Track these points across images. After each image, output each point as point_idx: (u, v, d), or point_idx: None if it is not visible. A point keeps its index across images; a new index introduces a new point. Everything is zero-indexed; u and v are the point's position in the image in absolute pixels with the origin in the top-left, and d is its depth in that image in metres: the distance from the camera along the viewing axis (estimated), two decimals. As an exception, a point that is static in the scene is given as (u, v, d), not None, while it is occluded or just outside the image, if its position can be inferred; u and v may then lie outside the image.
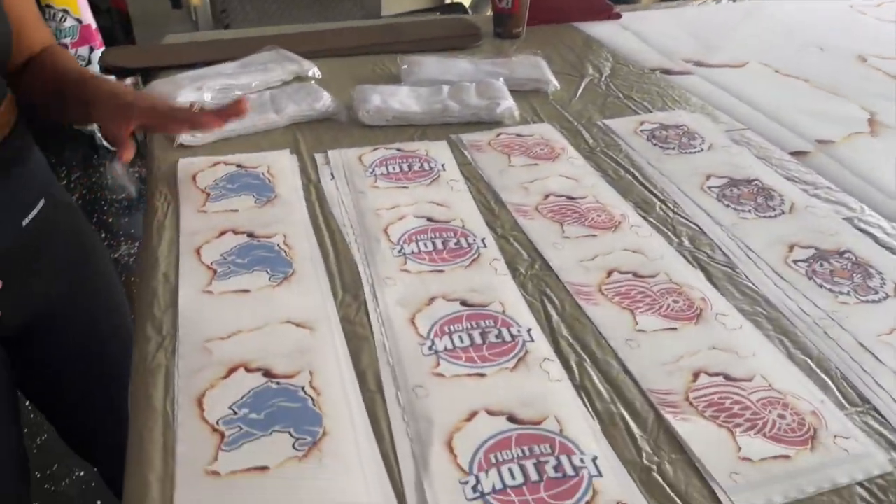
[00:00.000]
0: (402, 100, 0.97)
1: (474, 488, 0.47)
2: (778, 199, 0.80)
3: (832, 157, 0.89)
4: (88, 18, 2.71)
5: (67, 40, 2.61)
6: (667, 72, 1.15)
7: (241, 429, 0.51)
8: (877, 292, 0.66)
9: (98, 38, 2.77)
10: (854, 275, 0.68)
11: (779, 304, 0.65)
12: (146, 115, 0.75)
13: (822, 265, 0.70)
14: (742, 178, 0.84)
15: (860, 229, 0.75)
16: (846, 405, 0.55)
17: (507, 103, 0.96)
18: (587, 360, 0.58)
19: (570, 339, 0.61)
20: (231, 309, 0.63)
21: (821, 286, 0.67)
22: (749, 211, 0.78)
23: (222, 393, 0.54)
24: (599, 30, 1.34)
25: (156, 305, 0.63)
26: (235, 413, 0.53)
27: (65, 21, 2.62)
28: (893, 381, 0.56)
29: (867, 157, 0.89)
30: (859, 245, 0.72)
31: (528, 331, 0.61)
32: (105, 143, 2.76)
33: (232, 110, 0.76)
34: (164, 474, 0.48)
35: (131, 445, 0.51)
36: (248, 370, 0.56)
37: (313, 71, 1.10)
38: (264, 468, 0.49)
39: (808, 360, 0.59)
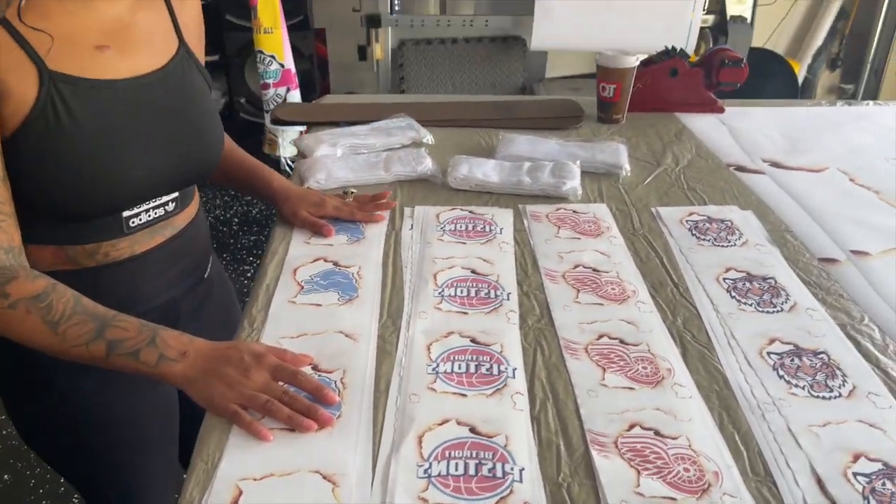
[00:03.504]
0: (486, 171, 1.17)
1: (426, 471, 0.65)
2: (783, 297, 0.90)
3: (860, 268, 0.96)
4: (290, 64, 3.20)
5: (270, 80, 3.09)
6: (741, 169, 1.26)
7: (284, 400, 0.73)
8: (832, 391, 0.75)
9: (295, 81, 3.25)
10: (818, 373, 0.77)
11: (734, 385, 0.76)
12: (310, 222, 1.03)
13: (792, 360, 0.79)
14: (759, 275, 0.94)
15: (849, 336, 0.83)
16: (750, 474, 0.66)
17: (572, 184, 1.13)
18: (550, 399, 0.74)
19: (544, 381, 0.76)
20: (305, 317, 0.86)
21: (780, 377, 0.77)
22: (751, 304, 0.89)
23: (280, 374, 0.77)
24: (698, 122, 1.46)
25: (255, 306, 0.87)
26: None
27: (271, 65, 3.11)
28: (801, 464, 0.66)
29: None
30: (839, 349, 0.81)
31: (514, 370, 0.78)
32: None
33: (371, 217, 1.05)
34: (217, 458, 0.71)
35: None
36: (302, 362, 0.78)
37: (428, 138, 1.33)
38: (292, 430, 0.70)
39: (735, 433, 0.70)
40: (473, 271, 0.95)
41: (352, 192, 1.10)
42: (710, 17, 3.11)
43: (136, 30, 0.83)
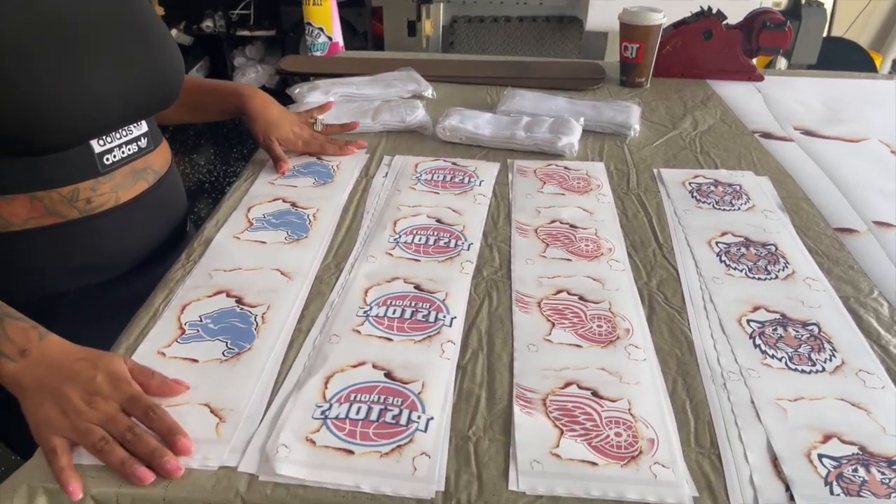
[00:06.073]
0: (478, 123, 1.09)
1: (323, 412, 0.59)
2: (781, 265, 0.79)
3: (880, 240, 0.84)
4: (338, 37, 3.17)
5: (318, 52, 3.08)
6: (767, 136, 1.13)
7: (197, 332, 0.68)
8: (815, 364, 0.64)
9: (343, 55, 3.23)
10: (802, 345, 0.66)
11: (699, 351, 0.66)
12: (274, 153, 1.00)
13: (775, 330, 0.69)
14: (759, 241, 0.83)
15: (851, 309, 0.72)
16: (693, 444, 0.56)
17: (568, 139, 1.04)
18: (484, 350, 0.66)
19: (483, 331, 0.69)
20: (246, 252, 0.80)
21: (756, 346, 0.66)
22: (741, 270, 0.78)
23: (201, 305, 0.72)
24: (730, 89, 1.34)
25: (197, 239, 0.83)
26: (200, 320, 0.69)
27: (318, 37, 3.10)
28: (757, 439, 0.56)
29: (925, 246, 0.82)
30: (834, 321, 0.70)
31: (453, 319, 0.70)
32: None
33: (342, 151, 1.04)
34: (132, 346, 0.66)
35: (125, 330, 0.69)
36: (228, 295, 0.73)
37: (429, 91, 1.26)
38: (195, 360, 0.64)
39: (688, 402, 0.60)
40: (439, 220, 0.87)
41: (320, 121, 1.05)
42: (784, 0, 2.91)
43: None
